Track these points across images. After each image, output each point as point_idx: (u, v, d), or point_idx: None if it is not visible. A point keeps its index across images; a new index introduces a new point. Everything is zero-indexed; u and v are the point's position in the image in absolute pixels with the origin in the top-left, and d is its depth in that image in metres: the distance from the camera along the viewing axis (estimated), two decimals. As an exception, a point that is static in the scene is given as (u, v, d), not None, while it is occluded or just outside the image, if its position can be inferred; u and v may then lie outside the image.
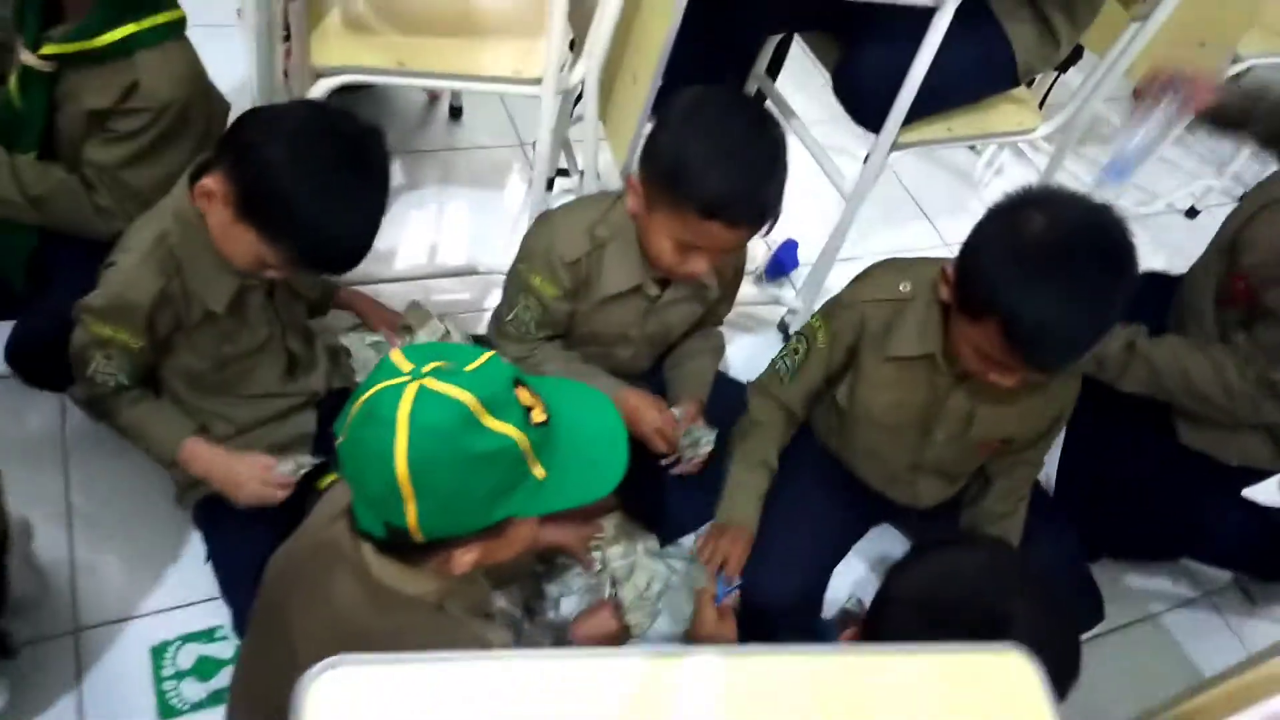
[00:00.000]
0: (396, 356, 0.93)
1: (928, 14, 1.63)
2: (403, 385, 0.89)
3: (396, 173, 2.36)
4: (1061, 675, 0.97)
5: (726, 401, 1.83)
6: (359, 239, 1.26)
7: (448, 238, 2.26)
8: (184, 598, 1.54)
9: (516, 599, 1.66)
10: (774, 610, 1.60)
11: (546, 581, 1.68)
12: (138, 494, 1.61)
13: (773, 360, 1.68)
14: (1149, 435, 1.83)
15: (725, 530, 1.62)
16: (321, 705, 0.58)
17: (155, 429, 1.43)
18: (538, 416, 0.95)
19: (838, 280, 2.03)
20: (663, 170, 1.40)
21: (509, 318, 1.60)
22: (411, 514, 0.90)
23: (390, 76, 1.65)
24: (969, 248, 1.33)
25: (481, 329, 1.88)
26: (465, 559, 0.97)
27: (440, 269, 2.10)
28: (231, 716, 1.17)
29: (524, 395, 0.94)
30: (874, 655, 0.74)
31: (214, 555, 1.51)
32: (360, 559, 0.98)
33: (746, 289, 2.34)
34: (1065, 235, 1.24)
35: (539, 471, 0.94)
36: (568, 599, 1.66)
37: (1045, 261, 1.23)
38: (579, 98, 1.90)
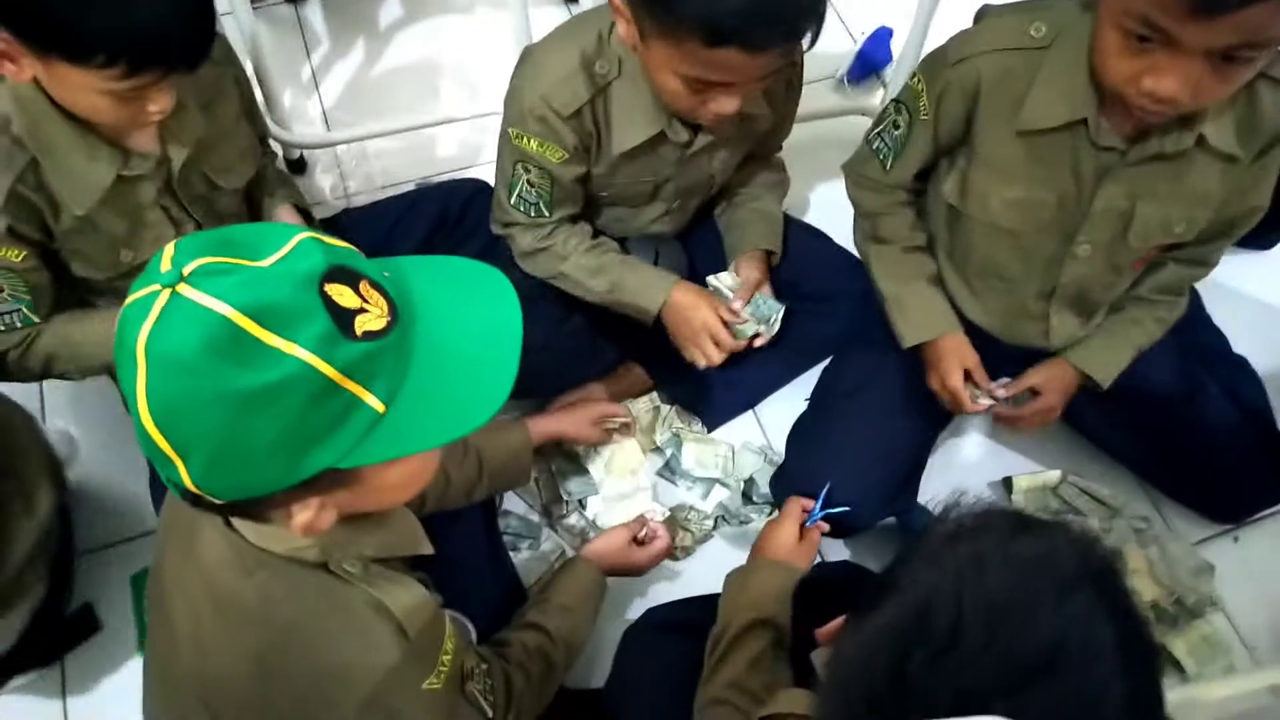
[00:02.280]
0: (165, 251, 0.65)
1: None
2: (152, 297, 0.62)
3: (395, 5, 2.03)
4: None
5: (805, 259, 1.48)
6: None
7: (453, 76, 1.92)
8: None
9: (535, 501, 1.43)
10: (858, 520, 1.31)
11: (568, 478, 1.42)
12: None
13: (866, 138, 1.29)
14: None
15: (932, 352, 1.29)
16: None
17: (92, 326, 1.18)
18: (370, 323, 0.67)
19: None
20: None
21: (510, 201, 1.29)
22: (184, 475, 0.65)
23: None
24: None
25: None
26: (301, 519, 0.72)
27: (446, 116, 1.77)
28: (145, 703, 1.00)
29: (342, 294, 0.66)
30: None
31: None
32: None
33: (823, 97, 1.92)
34: None
35: (373, 402, 0.67)
36: (593, 500, 1.40)
37: None
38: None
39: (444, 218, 1.50)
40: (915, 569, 0.60)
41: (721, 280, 1.40)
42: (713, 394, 1.47)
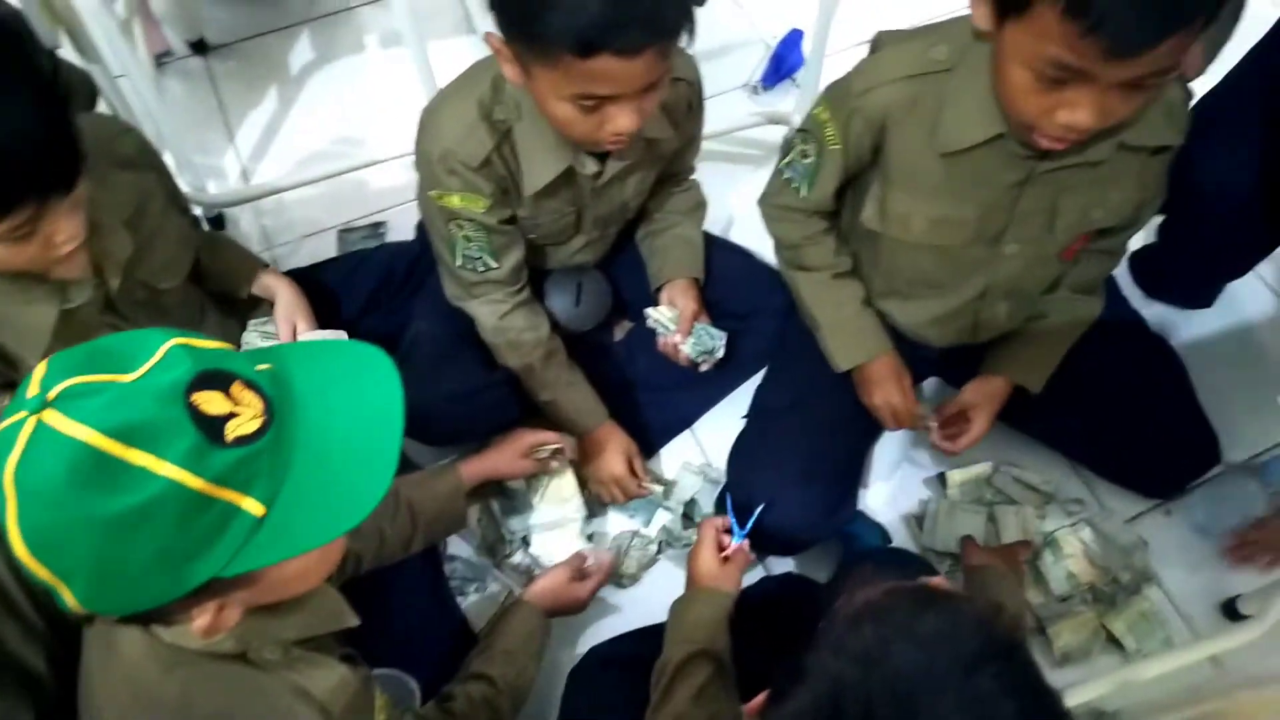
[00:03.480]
0: (35, 372, 0.65)
1: None
2: (18, 426, 0.62)
3: (306, 48, 2.02)
4: None
5: (725, 277, 1.50)
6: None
7: (370, 117, 1.91)
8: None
9: (479, 542, 1.43)
10: (798, 532, 1.33)
11: (508, 516, 1.43)
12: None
13: (777, 168, 1.31)
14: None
15: (868, 373, 1.33)
16: None
17: None
18: (242, 427, 0.66)
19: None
20: (511, 7, 1.03)
21: (458, 263, 1.29)
22: (68, 598, 0.66)
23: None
24: None
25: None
26: (200, 624, 0.72)
27: (367, 159, 1.76)
28: None
29: (211, 400, 0.66)
30: None
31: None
32: None
33: (737, 105, 1.92)
34: None
35: (252, 506, 0.67)
36: (538, 535, 1.40)
37: None
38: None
39: (389, 277, 1.51)
40: (824, 655, 0.62)
41: (661, 314, 1.42)
42: (649, 418, 1.48)
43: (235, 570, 0.67)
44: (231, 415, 0.66)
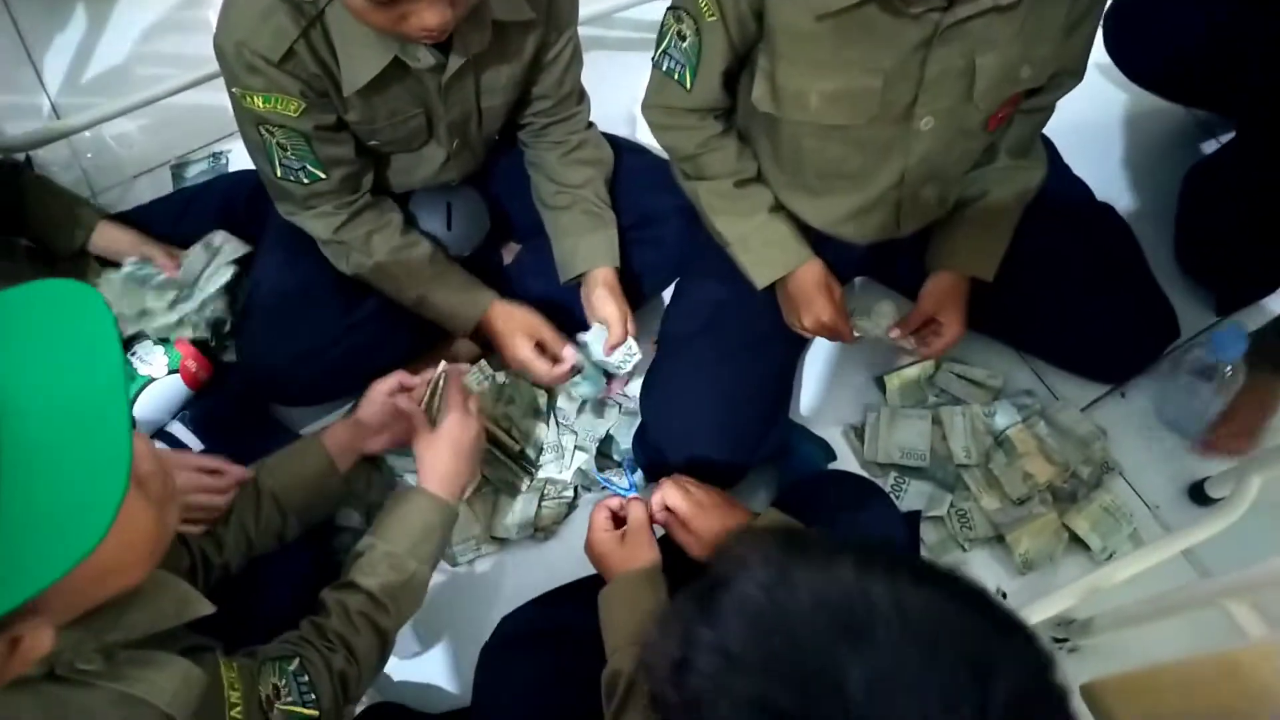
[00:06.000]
0: None
1: None
2: None
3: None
4: None
5: (622, 183, 1.31)
6: None
7: (193, 32, 1.64)
8: None
9: (361, 507, 1.25)
10: (725, 466, 1.18)
11: (404, 474, 1.26)
12: None
13: (654, 61, 1.12)
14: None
15: (791, 289, 1.17)
16: None
17: None
18: None
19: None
20: None
21: (278, 175, 1.09)
22: None
23: None
24: None
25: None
26: None
27: (190, 80, 1.50)
28: None
29: None
30: None
31: None
32: None
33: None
34: None
35: None
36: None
37: None
38: None
39: (229, 213, 1.30)
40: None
41: (595, 339, 1.25)
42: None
43: None
44: None
